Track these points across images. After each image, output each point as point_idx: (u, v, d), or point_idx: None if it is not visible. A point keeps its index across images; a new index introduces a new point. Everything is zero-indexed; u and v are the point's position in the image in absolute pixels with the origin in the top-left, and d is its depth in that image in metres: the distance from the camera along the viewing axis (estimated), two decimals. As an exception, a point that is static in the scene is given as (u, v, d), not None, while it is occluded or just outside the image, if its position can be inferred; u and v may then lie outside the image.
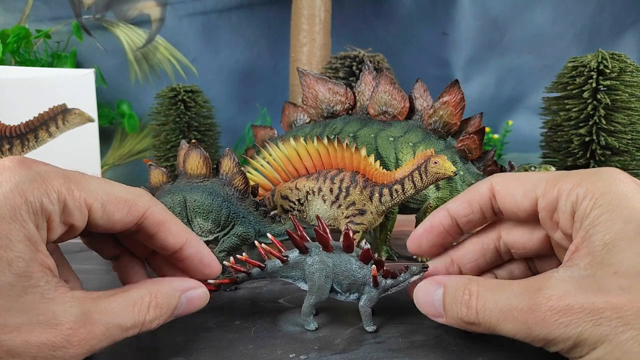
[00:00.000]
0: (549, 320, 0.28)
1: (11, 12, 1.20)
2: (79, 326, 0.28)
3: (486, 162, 0.59)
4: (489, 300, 0.31)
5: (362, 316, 0.39)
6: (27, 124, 0.71)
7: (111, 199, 0.32)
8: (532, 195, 0.34)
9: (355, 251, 0.40)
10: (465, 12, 1.38)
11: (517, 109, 1.42)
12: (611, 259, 0.28)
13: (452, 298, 0.33)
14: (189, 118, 0.84)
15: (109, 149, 1.28)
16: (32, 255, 0.28)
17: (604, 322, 0.27)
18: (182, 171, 0.52)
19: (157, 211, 0.35)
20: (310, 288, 0.40)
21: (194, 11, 1.32)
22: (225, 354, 0.35)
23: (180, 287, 0.35)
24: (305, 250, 0.40)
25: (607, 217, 0.29)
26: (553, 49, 1.38)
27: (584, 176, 0.32)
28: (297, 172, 0.54)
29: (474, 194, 0.38)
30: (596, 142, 0.66)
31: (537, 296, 0.29)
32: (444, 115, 0.57)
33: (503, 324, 0.30)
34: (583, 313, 0.27)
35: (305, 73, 0.64)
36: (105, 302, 0.30)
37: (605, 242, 0.29)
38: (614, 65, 0.65)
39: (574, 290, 0.28)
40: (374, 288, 0.39)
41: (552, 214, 0.34)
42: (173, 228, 0.36)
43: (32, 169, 0.30)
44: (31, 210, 0.28)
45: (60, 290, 0.29)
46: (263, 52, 1.37)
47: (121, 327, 0.30)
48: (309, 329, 0.39)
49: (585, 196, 0.31)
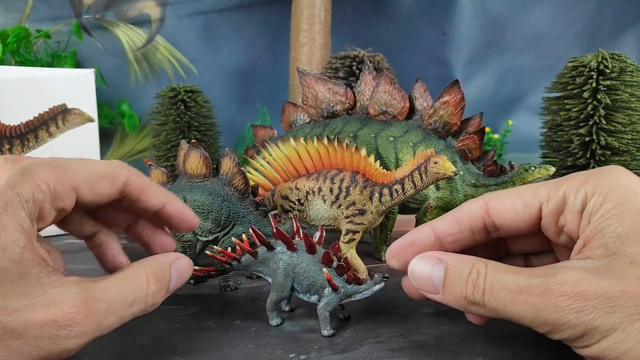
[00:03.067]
0: (561, 305, 0.28)
1: (11, 12, 1.20)
2: (80, 303, 0.28)
3: (486, 162, 0.59)
4: (497, 281, 0.30)
5: (319, 319, 0.38)
6: (27, 124, 0.71)
7: (94, 177, 0.34)
8: (535, 203, 0.34)
9: (319, 252, 0.40)
10: (465, 12, 1.39)
11: (517, 109, 1.42)
12: (626, 249, 0.28)
13: (455, 276, 0.32)
14: (189, 118, 0.84)
15: (109, 149, 1.28)
16: (27, 243, 0.28)
17: (618, 310, 0.26)
18: (182, 171, 0.52)
19: (136, 178, 0.37)
20: (273, 284, 0.41)
21: (194, 11, 1.32)
22: (226, 354, 0.36)
23: (167, 260, 0.36)
24: (270, 247, 0.41)
25: (619, 210, 0.30)
26: (553, 49, 1.38)
27: (588, 175, 0.32)
28: (297, 172, 0.54)
29: (464, 212, 0.36)
30: (596, 142, 0.66)
31: (549, 280, 0.28)
32: (444, 115, 0.57)
33: (510, 306, 0.29)
34: (597, 300, 0.27)
35: (305, 73, 0.64)
36: (102, 283, 0.31)
37: (619, 233, 0.29)
38: (614, 65, 0.65)
39: (589, 277, 0.28)
40: (333, 292, 0.38)
41: (557, 219, 0.33)
42: (153, 191, 0.38)
43: (19, 163, 0.32)
44: (23, 201, 0.29)
45: (54, 276, 0.29)
46: (263, 52, 1.37)
47: (123, 302, 0.31)
48: (272, 324, 0.40)
49: (594, 192, 0.31)
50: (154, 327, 0.40)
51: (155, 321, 0.41)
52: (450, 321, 0.41)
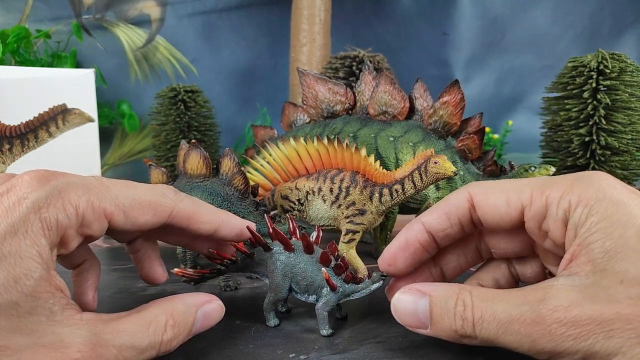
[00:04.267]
0: (556, 333, 0.27)
1: (11, 12, 1.20)
2: (88, 349, 0.26)
3: (486, 162, 0.59)
4: (485, 311, 0.29)
5: (318, 319, 0.38)
6: (27, 124, 0.71)
7: (134, 204, 0.32)
8: (518, 204, 0.32)
9: (317, 252, 0.39)
10: (465, 12, 1.39)
11: (517, 109, 1.42)
12: (615, 266, 0.27)
13: (441, 310, 0.31)
14: (189, 118, 0.84)
15: (109, 149, 1.28)
16: (42, 274, 0.27)
17: (615, 334, 0.26)
18: (182, 171, 0.52)
19: (183, 207, 0.35)
20: (270, 285, 0.40)
21: (194, 11, 1.32)
22: (226, 354, 0.36)
23: (195, 303, 0.33)
24: (267, 248, 0.40)
25: (606, 224, 0.28)
26: (553, 49, 1.38)
27: (573, 182, 0.31)
28: (297, 172, 0.54)
29: (452, 206, 0.35)
30: (596, 142, 0.66)
31: (540, 307, 0.27)
32: (444, 115, 0.57)
33: (503, 337, 0.29)
34: (593, 325, 0.26)
35: (305, 73, 0.64)
36: (117, 323, 0.29)
37: (606, 249, 0.28)
38: (614, 65, 0.65)
39: (580, 300, 0.27)
40: (332, 292, 0.38)
41: (540, 223, 0.32)
42: (204, 217, 0.36)
43: (49, 183, 0.29)
44: (45, 227, 0.27)
45: (68, 312, 0.27)
46: (263, 52, 1.37)
47: (136, 349, 0.28)
48: (269, 325, 0.40)
49: (578, 203, 0.30)
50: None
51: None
52: (450, 321, 0.41)
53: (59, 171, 0.31)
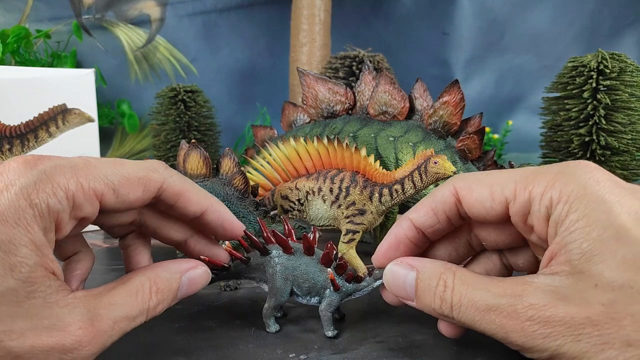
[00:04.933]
0: (528, 330, 0.27)
1: (11, 12, 1.20)
2: (87, 325, 0.28)
3: (486, 162, 0.59)
4: (464, 296, 0.30)
5: (322, 320, 0.38)
6: (27, 124, 0.71)
7: (123, 181, 0.32)
8: (502, 199, 0.32)
9: (317, 254, 0.39)
10: (465, 12, 1.39)
11: (517, 109, 1.42)
12: (591, 269, 0.27)
13: (425, 286, 0.32)
14: (189, 118, 0.84)
15: (109, 149, 1.27)
16: (37, 260, 0.27)
17: (583, 339, 0.26)
18: (182, 171, 0.52)
19: (173, 182, 0.34)
20: (270, 290, 0.39)
21: (194, 11, 1.32)
22: (226, 353, 0.36)
23: (179, 269, 0.34)
24: (265, 251, 0.39)
25: (585, 223, 0.28)
26: (553, 49, 1.38)
27: (556, 175, 0.30)
28: (297, 172, 0.54)
29: (438, 201, 0.35)
30: (596, 142, 0.66)
31: (517, 303, 0.28)
32: (444, 115, 0.57)
33: (479, 323, 0.29)
34: (563, 326, 0.27)
35: (305, 73, 0.64)
36: (107, 297, 0.30)
37: (584, 250, 0.27)
38: (614, 65, 0.65)
39: (554, 301, 0.27)
40: (335, 292, 0.38)
41: (525, 218, 0.32)
42: (192, 196, 0.35)
43: (37, 167, 0.29)
44: (37, 213, 0.27)
45: (62, 293, 0.28)
46: (263, 52, 1.37)
47: (128, 318, 0.30)
48: (270, 331, 0.39)
49: (559, 200, 0.29)
50: (154, 326, 0.40)
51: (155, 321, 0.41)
52: (450, 321, 0.41)
53: (46, 155, 0.30)
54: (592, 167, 0.30)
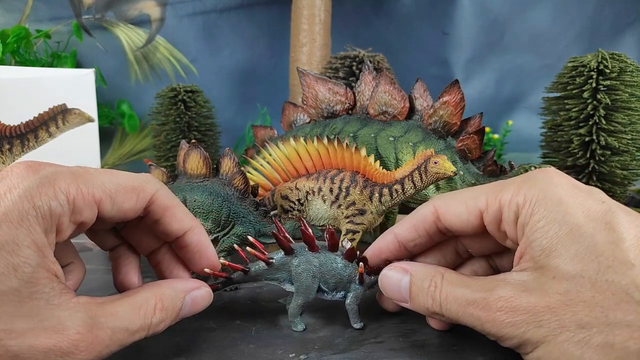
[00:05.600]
0: (498, 320, 0.30)
1: (11, 12, 1.20)
2: (86, 330, 0.28)
3: (486, 162, 0.59)
4: (450, 294, 0.33)
5: (350, 313, 0.40)
6: (27, 124, 0.71)
7: (119, 189, 0.33)
8: (476, 211, 0.35)
9: (340, 250, 0.40)
10: (465, 11, 1.38)
11: (517, 109, 1.42)
12: (550, 263, 0.30)
13: (418, 288, 0.35)
14: (189, 118, 0.84)
15: (109, 149, 1.27)
16: (39, 261, 0.28)
17: (544, 324, 0.29)
18: (182, 171, 0.52)
19: (163, 195, 0.35)
20: (298, 289, 0.39)
21: (194, 11, 1.32)
22: (226, 354, 0.36)
23: (183, 288, 0.35)
24: (291, 251, 0.40)
25: (544, 223, 0.31)
26: (553, 49, 1.38)
27: (521, 184, 0.33)
28: (297, 172, 0.54)
29: (418, 219, 0.38)
30: (596, 142, 0.66)
31: (489, 296, 0.31)
32: (444, 115, 0.57)
33: (462, 318, 0.32)
34: (527, 315, 0.29)
35: (305, 73, 0.64)
36: (110, 307, 0.30)
37: (543, 247, 0.30)
38: (614, 65, 0.65)
39: (520, 293, 0.30)
40: (359, 285, 0.39)
41: (498, 225, 0.35)
42: (178, 213, 0.36)
43: (39, 172, 0.30)
44: (39, 215, 0.28)
45: (65, 296, 0.29)
46: (263, 52, 1.37)
47: (128, 331, 0.30)
48: (297, 330, 0.39)
49: (524, 204, 0.32)
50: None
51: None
52: (450, 321, 0.41)
53: (47, 162, 0.31)
54: (553, 172, 0.34)
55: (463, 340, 0.37)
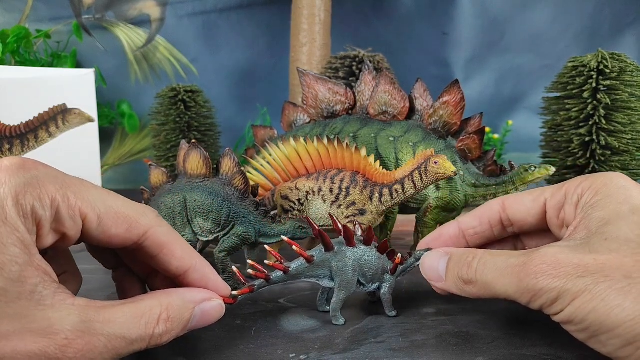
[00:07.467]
0: (539, 272, 0.31)
1: (11, 12, 1.20)
2: (76, 336, 0.26)
3: (486, 162, 0.59)
4: (489, 261, 0.34)
5: (385, 303, 0.42)
6: (27, 124, 0.71)
7: (109, 212, 0.31)
8: (541, 199, 0.39)
9: (372, 244, 0.42)
10: (465, 11, 1.38)
11: (517, 109, 1.42)
12: (604, 229, 0.32)
13: (455, 263, 0.37)
14: (189, 118, 0.84)
15: (109, 149, 1.28)
16: (27, 259, 0.26)
17: (587, 275, 0.29)
18: (182, 171, 0.52)
19: (160, 232, 0.33)
20: (340, 284, 0.40)
21: (194, 11, 1.32)
22: (226, 354, 0.36)
23: (193, 299, 0.33)
24: (332, 247, 0.41)
25: (606, 201, 0.33)
26: (553, 49, 1.38)
27: (588, 176, 0.37)
28: (297, 172, 0.54)
29: (485, 209, 0.42)
30: (596, 142, 0.66)
31: (532, 254, 0.32)
32: (444, 115, 0.57)
33: (497, 280, 0.33)
34: (571, 267, 0.30)
35: (305, 73, 0.64)
36: (109, 312, 0.28)
37: (601, 218, 0.32)
38: (614, 65, 0.65)
39: (566, 251, 0.31)
40: (391, 276, 0.42)
41: (559, 212, 0.38)
42: (177, 252, 0.33)
43: (30, 171, 0.28)
44: (22, 214, 0.27)
45: (60, 296, 0.27)
46: (263, 52, 1.37)
47: (125, 340, 0.28)
48: (338, 324, 0.40)
49: (589, 188, 0.35)
50: (154, 327, 0.40)
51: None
52: (450, 321, 0.41)
53: (42, 162, 0.30)
54: (622, 174, 0.37)
55: (463, 341, 0.37)
